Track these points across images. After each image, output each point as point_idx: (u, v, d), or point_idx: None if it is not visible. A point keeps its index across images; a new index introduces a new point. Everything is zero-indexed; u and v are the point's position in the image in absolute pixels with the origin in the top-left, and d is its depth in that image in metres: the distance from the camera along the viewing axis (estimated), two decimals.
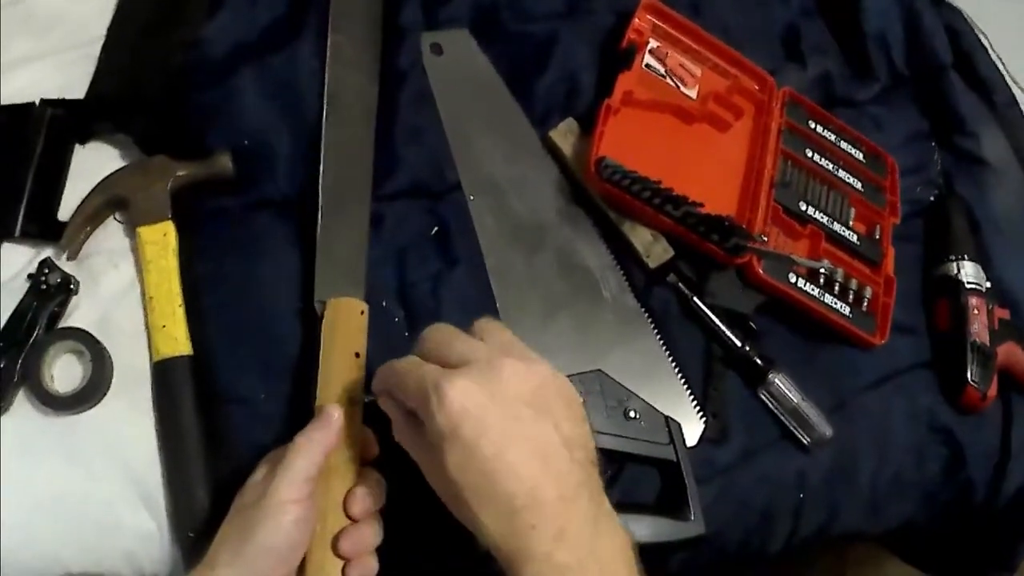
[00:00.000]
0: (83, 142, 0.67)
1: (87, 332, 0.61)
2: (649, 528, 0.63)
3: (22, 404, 0.59)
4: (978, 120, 0.89)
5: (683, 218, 0.69)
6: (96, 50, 0.70)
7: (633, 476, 0.66)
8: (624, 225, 0.72)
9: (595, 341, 0.68)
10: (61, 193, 0.65)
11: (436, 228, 0.69)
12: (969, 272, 0.81)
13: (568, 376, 0.63)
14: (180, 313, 0.61)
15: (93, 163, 0.66)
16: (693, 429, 0.68)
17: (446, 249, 0.69)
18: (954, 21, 0.93)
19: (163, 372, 0.60)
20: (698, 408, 0.69)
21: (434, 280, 0.68)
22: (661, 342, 0.71)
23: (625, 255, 0.73)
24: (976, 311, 0.79)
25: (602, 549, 0.45)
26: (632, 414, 0.65)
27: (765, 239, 0.70)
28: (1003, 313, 0.81)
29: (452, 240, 0.69)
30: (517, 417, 0.45)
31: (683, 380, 0.70)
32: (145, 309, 0.62)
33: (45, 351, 0.60)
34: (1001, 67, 0.92)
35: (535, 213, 0.72)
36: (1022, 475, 0.78)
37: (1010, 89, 0.91)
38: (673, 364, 0.70)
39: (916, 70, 0.91)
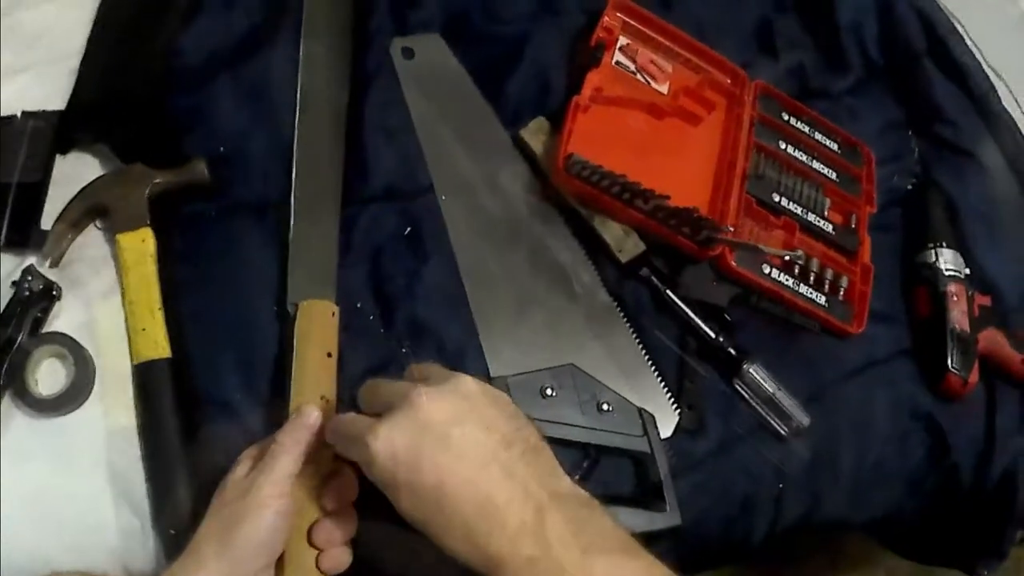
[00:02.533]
0: (64, 152, 0.69)
1: (69, 336, 0.62)
2: (624, 520, 0.63)
3: (7, 407, 0.61)
4: (955, 108, 0.89)
5: (653, 212, 0.70)
6: (76, 63, 0.71)
7: (609, 469, 0.67)
8: (595, 221, 0.72)
9: (568, 336, 0.69)
10: (43, 202, 0.67)
11: (409, 229, 0.70)
12: (948, 259, 0.81)
13: (540, 371, 0.66)
14: (159, 316, 0.63)
15: (74, 172, 0.68)
16: (668, 421, 0.69)
17: (419, 248, 0.70)
18: (928, 8, 0.93)
19: (143, 374, 0.62)
20: (672, 400, 0.70)
21: (408, 278, 0.69)
22: (635, 336, 0.71)
23: (597, 251, 0.73)
24: (955, 298, 0.79)
25: (569, 528, 0.46)
26: (605, 407, 0.66)
27: (731, 229, 0.71)
28: (984, 300, 0.81)
29: (424, 240, 0.70)
30: (446, 438, 0.47)
31: (657, 373, 0.70)
32: (125, 313, 0.64)
33: (29, 356, 0.61)
34: (977, 54, 0.92)
35: (507, 211, 0.72)
36: (1007, 460, 0.77)
37: (987, 75, 0.91)
38: (647, 357, 0.71)
39: (891, 59, 0.91)
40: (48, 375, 0.62)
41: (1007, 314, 0.82)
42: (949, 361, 0.76)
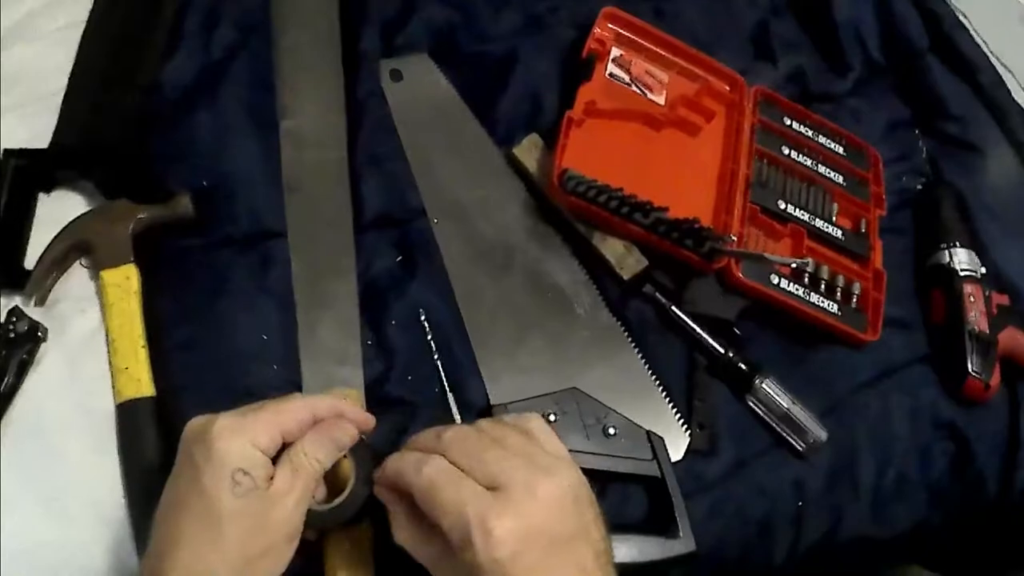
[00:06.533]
0: (48, 190, 0.68)
1: None
2: (636, 548, 0.61)
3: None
4: (962, 103, 0.87)
5: (653, 225, 0.68)
6: (58, 102, 0.71)
7: (619, 495, 0.65)
8: (595, 238, 0.70)
9: (570, 359, 0.67)
10: (27, 242, 0.66)
11: (400, 257, 0.69)
12: (962, 259, 0.79)
13: (542, 396, 0.64)
14: (143, 355, 0.61)
15: (58, 211, 0.66)
16: (678, 443, 0.66)
17: (412, 275, 0.68)
18: (933, 3, 0.91)
19: (126, 414, 0.60)
20: (682, 420, 0.67)
21: (403, 305, 0.67)
22: (640, 355, 0.69)
23: (598, 269, 0.71)
24: (972, 298, 0.77)
25: None
26: (611, 431, 0.64)
27: (735, 239, 0.68)
28: (1002, 299, 0.78)
29: (418, 266, 0.68)
30: (556, 547, 0.46)
31: (664, 393, 0.68)
32: (109, 351, 0.62)
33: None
34: (984, 47, 0.90)
35: (502, 233, 0.70)
36: None
37: (995, 68, 0.89)
38: (653, 377, 0.68)
39: (892, 57, 0.89)
40: None
41: None
42: (969, 364, 0.74)
